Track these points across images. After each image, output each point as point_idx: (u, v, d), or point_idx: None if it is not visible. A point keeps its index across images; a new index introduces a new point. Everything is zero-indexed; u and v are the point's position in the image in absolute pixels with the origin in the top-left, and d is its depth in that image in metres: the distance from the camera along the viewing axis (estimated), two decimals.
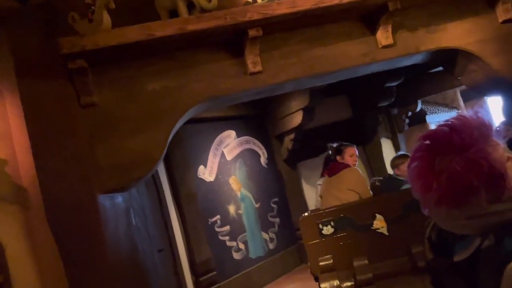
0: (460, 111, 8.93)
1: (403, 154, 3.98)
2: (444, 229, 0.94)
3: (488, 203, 0.86)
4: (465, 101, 9.39)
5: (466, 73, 3.23)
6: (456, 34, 3.01)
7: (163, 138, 2.54)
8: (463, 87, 6.21)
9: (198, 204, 4.76)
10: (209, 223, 4.89)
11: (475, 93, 3.58)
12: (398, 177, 3.78)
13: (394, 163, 3.89)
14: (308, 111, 5.41)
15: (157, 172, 4.28)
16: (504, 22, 3.04)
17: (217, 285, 4.60)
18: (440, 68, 4.22)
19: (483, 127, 0.90)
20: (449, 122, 0.93)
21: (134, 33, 2.36)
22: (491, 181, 0.86)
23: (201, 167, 5.02)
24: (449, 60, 3.24)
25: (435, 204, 0.89)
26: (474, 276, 0.87)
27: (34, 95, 2.34)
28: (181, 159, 4.72)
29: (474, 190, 0.86)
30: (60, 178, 2.32)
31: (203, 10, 2.46)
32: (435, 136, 0.92)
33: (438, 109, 8.13)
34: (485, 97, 6.16)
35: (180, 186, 4.62)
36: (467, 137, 0.88)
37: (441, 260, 0.94)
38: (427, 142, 0.93)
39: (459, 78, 3.34)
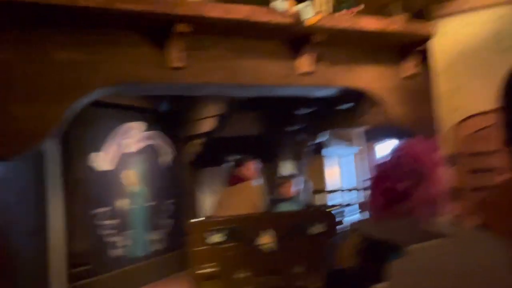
0: (358, 148, 9.64)
1: (287, 175, 4.00)
2: (380, 239, 1.01)
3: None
4: (364, 140, 10.17)
5: (370, 114, 3.52)
6: (368, 77, 3.27)
7: (61, 113, 2.35)
8: (365, 127, 6.75)
9: (86, 192, 4.46)
10: (94, 213, 4.61)
11: (374, 134, 3.91)
12: (275, 197, 3.83)
13: (277, 182, 3.88)
14: (222, 119, 5.43)
15: (48, 149, 3.94)
16: (409, 76, 3.38)
17: (90, 279, 4.32)
18: (348, 105, 4.53)
19: (440, 152, 1.06)
20: (419, 142, 1.07)
21: None
22: (448, 196, 1.03)
23: (99, 154, 4.73)
24: (357, 99, 3.51)
25: (410, 209, 1.00)
26: None
27: None
28: (78, 141, 4.40)
29: (443, 200, 1.02)
30: None
31: None
32: (413, 151, 1.05)
33: (339, 143, 8.69)
34: (382, 140, 6.73)
35: (71, 169, 4.29)
36: (436, 157, 1.04)
37: (371, 265, 1.01)
38: (409, 154, 1.04)
39: (363, 117, 3.62)
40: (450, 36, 3.17)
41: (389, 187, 1.03)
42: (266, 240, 3.30)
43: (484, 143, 2.93)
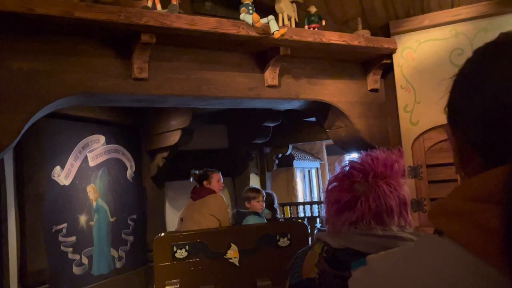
0: (322, 162, 9.78)
1: (256, 189, 3.88)
2: (341, 248, 1.03)
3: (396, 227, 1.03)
4: (328, 154, 10.36)
5: (334, 127, 3.56)
6: (332, 91, 3.33)
7: (17, 124, 2.24)
8: (329, 141, 6.86)
9: (44, 208, 4.27)
10: (53, 230, 4.40)
11: (338, 147, 3.96)
12: (242, 210, 3.77)
13: (246, 195, 3.76)
14: (186, 133, 5.36)
15: (2, 162, 3.75)
16: (371, 90, 3.46)
17: None
18: (313, 119, 4.59)
19: (400, 163, 1.07)
20: (375, 153, 1.08)
21: (11, 3, 2.09)
22: (402, 208, 1.05)
23: (58, 168, 4.55)
24: (322, 112, 3.55)
25: (357, 219, 1.02)
26: None
27: None
28: (36, 154, 4.22)
29: (392, 212, 1.02)
30: None
31: (97, 1, 2.31)
32: (363, 162, 1.07)
33: (304, 157, 8.80)
34: (346, 153, 6.85)
35: (28, 184, 4.10)
36: (389, 168, 1.05)
37: (335, 272, 1.01)
38: (358, 165, 1.06)
39: (327, 130, 3.66)
40: (410, 51, 3.28)
41: (336, 198, 1.06)
42: (233, 254, 3.26)
43: (442, 155, 3.03)
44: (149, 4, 2.53)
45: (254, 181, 6.80)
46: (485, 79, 0.55)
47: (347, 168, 1.09)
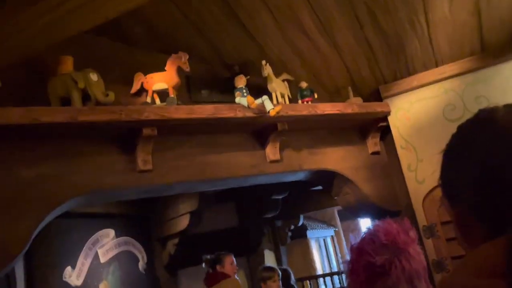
0: (336, 229, 9.57)
1: (270, 267, 3.75)
2: None
3: None
4: (341, 220, 10.15)
5: (341, 194, 3.55)
6: (334, 158, 3.36)
7: (27, 232, 2.24)
8: (339, 207, 6.77)
9: None
10: None
11: (349, 213, 3.91)
12: None
13: (261, 276, 3.61)
14: (195, 216, 5.33)
15: (13, 268, 3.69)
16: (373, 153, 3.50)
17: None
18: (320, 187, 4.57)
19: (413, 231, 1.13)
20: (389, 221, 1.13)
21: (16, 115, 2.19)
22: (425, 273, 1.07)
23: (69, 269, 4.47)
24: (328, 180, 3.55)
25: (393, 285, 1.03)
26: None
27: None
28: (46, 257, 4.17)
29: (420, 276, 1.06)
30: None
31: (98, 103, 2.43)
32: (386, 228, 1.11)
33: (317, 226, 8.62)
34: (358, 218, 6.73)
35: (39, 287, 4.01)
36: (408, 236, 1.10)
37: None
38: (382, 230, 1.10)
39: (335, 198, 3.64)
40: (404, 112, 3.36)
41: (369, 262, 1.05)
42: None
43: None
44: (148, 99, 2.66)
45: (269, 258, 6.61)
46: (471, 150, 0.59)
47: (370, 233, 1.11)
